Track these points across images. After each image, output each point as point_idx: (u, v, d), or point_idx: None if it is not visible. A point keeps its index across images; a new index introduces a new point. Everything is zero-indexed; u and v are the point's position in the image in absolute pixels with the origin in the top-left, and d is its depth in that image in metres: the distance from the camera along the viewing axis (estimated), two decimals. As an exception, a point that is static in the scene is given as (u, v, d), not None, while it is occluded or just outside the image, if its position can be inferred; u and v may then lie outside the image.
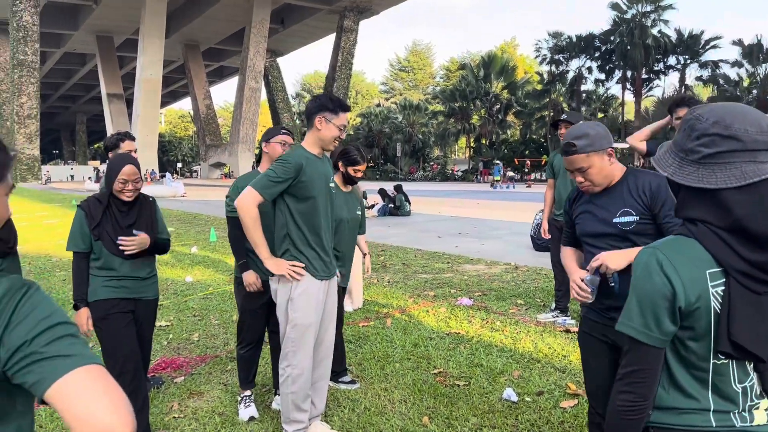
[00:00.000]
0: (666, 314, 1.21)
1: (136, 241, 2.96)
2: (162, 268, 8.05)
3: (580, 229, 2.32)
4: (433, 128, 57.29)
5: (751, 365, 1.24)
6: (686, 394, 1.26)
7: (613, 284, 2.10)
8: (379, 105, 65.54)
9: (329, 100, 2.89)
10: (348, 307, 5.78)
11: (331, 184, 3.01)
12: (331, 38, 50.67)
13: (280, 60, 58.78)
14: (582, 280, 2.19)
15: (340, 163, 3.81)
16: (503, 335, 4.95)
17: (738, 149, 1.18)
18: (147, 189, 5.06)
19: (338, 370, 3.87)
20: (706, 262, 1.20)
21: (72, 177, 60.40)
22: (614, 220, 2.17)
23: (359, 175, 3.90)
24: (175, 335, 5.13)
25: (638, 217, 2.14)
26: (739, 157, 1.18)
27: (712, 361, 1.23)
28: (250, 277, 3.33)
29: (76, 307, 2.98)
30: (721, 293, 1.19)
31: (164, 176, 37.90)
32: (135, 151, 3.91)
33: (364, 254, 4.47)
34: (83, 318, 2.94)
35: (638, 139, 4.51)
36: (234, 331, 4.93)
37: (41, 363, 0.85)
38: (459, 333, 5.03)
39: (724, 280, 1.19)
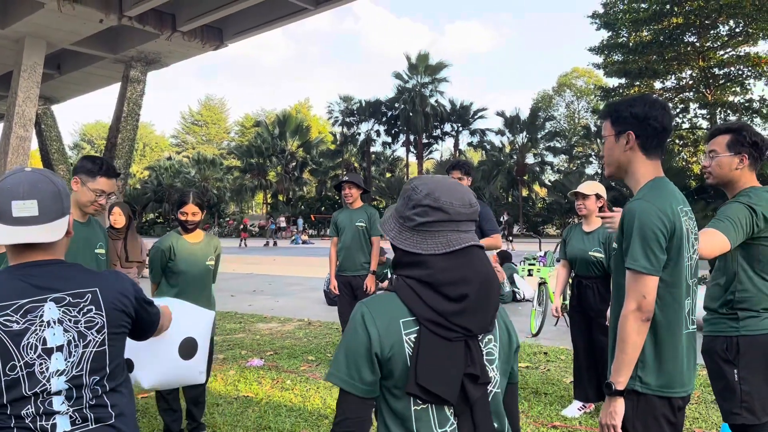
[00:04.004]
0: (365, 363, 1.31)
1: None
2: None
3: None
4: (229, 183, 56.26)
5: (451, 410, 1.32)
6: None
7: None
8: (170, 158, 62.71)
9: (91, 162, 2.75)
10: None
11: (99, 250, 2.80)
12: (115, 87, 47.69)
13: (55, 107, 53.62)
14: None
15: (174, 211, 3.78)
16: (293, 394, 4.93)
17: (445, 220, 1.35)
18: None
19: None
20: (402, 312, 1.32)
21: None
22: None
23: (190, 218, 3.75)
24: None
25: None
26: (446, 226, 1.36)
27: (413, 408, 1.31)
28: None
29: None
30: (414, 340, 1.30)
31: None
32: None
33: None
34: None
35: None
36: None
37: None
38: (248, 396, 4.90)
39: (417, 328, 1.31)
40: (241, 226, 42.00)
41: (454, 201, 1.36)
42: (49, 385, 1.47)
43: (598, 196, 4.35)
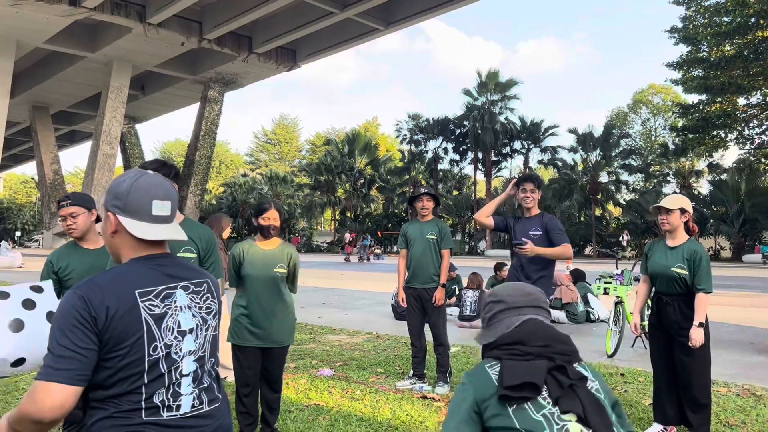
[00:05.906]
0: (467, 419, 1.58)
1: None
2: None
3: None
4: (299, 200, 57.54)
5: (546, 399, 1.52)
6: None
7: None
8: (244, 175, 64.82)
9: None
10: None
11: (183, 254, 2.94)
12: (194, 106, 49.67)
13: (139, 126, 56.74)
14: None
15: (254, 219, 3.92)
16: (363, 404, 4.95)
17: (504, 308, 1.74)
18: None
19: None
20: (491, 378, 1.60)
21: None
22: None
23: (269, 223, 3.87)
24: None
25: None
26: (506, 314, 1.73)
27: (510, 409, 1.53)
28: None
29: None
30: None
31: (-2, 245, 33.95)
32: None
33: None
34: None
35: (485, 215, 4.87)
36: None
37: None
38: (319, 404, 4.95)
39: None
40: (348, 240, 41.57)
41: (512, 293, 1.76)
42: (182, 364, 1.58)
43: (682, 211, 4.15)
